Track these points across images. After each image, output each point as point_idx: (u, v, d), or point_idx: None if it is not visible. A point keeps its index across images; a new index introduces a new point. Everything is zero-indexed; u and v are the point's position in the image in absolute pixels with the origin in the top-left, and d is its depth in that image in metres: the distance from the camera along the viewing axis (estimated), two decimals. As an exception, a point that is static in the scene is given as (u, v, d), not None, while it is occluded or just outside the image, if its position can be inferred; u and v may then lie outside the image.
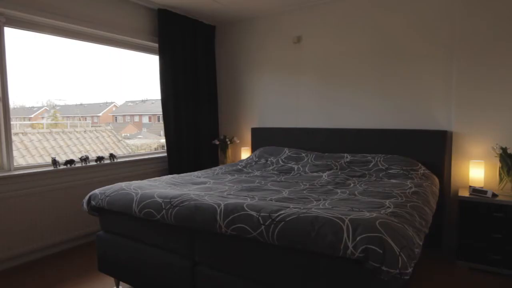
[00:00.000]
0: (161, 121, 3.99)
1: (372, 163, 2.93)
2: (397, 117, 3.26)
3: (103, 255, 2.31)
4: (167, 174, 3.52)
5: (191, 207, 1.82)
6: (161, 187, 2.31)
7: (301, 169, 3.07)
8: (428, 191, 2.29)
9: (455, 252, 2.84)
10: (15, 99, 2.80)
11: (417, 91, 3.15)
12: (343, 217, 1.49)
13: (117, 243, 2.22)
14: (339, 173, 2.84)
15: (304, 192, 2.24)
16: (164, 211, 1.88)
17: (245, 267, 1.69)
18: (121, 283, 2.38)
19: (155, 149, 4.87)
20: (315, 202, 1.94)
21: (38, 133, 4.71)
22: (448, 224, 3.01)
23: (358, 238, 1.36)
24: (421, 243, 1.57)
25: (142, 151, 4.48)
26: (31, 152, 4.28)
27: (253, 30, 4.14)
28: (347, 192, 2.22)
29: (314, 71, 3.71)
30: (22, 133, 4.50)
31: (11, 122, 2.82)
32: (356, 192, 2.19)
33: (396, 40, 3.21)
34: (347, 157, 3.11)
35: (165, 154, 3.95)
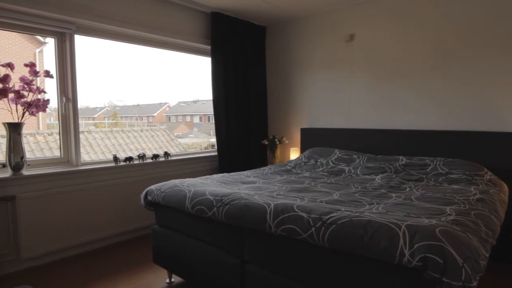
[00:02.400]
0: (211, 121, 4.12)
1: (431, 167, 2.75)
2: (459, 118, 3.03)
3: (157, 248, 2.43)
4: (217, 173, 3.61)
5: (241, 205, 1.84)
6: (212, 185, 2.37)
7: (353, 171, 2.98)
8: (496, 199, 2.09)
9: (526, 267, 2.57)
10: (81, 100, 3.04)
11: (483, 90, 2.90)
12: (399, 222, 1.41)
13: (171, 237, 2.32)
14: (393, 176, 2.70)
15: (356, 195, 2.17)
16: (215, 208, 1.93)
17: (294, 268, 1.68)
18: (173, 275, 2.49)
19: (205, 148, 5.02)
20: (367, 205, 1.87)
21: (100, 131, 5.10)
22: (518, 235, 2.73)
23: (415, 246, 1.28)
24: (487, 255, 1.44)
25: (193, 150, 4.64)
26: (94, 149, 4.64)
27: (303, 30, 4.10)
28: (403, 196, 2.11)
29: (367, 70, 3.58)
30: (87, 131, 4.90)
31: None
32: (412, 197, 2.07)
33: (460, 34, 2.99)
34: (402, 160, 2.96)
35: (215, 153, 4.05)
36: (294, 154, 4.10)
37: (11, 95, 2.57)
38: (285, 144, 4.35)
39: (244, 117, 4.21)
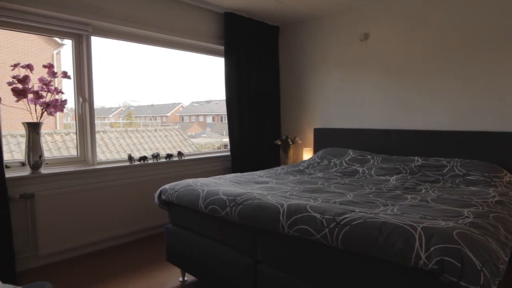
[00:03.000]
0: (224, 121, 4.14)
1: (447, 168, 2.70)
2: (477, 118, 2.96)
3: (171, 247, 2.45)
4: (230, 173, 3.63)
5: (254, 205, 1.84)
6: (225, 185, 2.38)
7: (367, 172, 2.94)
8: (515, 201, 2.04)
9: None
10: (96, 101, 3.10)
11: (504, 88, 2.82)
12: (414, 224, 1.39)
13: (184, 237, 2.34)
14: (408, 177, 2.66)
15: (370, 196, 2.14)
16: (228, 208, 1.94)
17: (307, 269, 1.67)
18: (187, 274, 2.51)
19: (218, 148, 5.05)
20: (382, 207, 1.85)
21: (115, 131, 5.18)
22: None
23: (432, 249, 1.26)
24: (506, 259, 1.40)
25: (206, 150, 4.67)
26: (109, 148, 4.72)
27: (317, 29, 4.07)
28: (418, 198, 2.07)
29: (382, 69, 3.53)
30: (103, 131, 4.98)
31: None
32: (428, 199, 2.03)
33: (477, 32, 2.92)
34: (417, 161, 2.91)
35: (228, 153, 4.07)
36: (307, 154, 4.08)
37: (30, 96, 2.63)
38: (298, 144, 4.33)
39: (257, 117, 4.22)
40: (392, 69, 3.46)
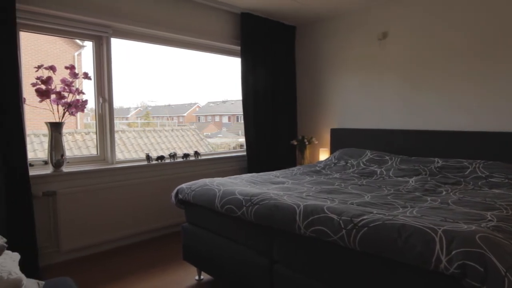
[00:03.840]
0: (240, 121, 4.15)
1: (469, 170, 2.62)
2: (500, 118, 2.86)
3: (187, 246, 2.48)
4: (245, 173, 3.63)
5: (270, 206, 1.84)
6: (241, 185, 2.38)
7: (385, 173, 2.89)
8: (542, 205, 1.96)
9: None
10: (115, 101, 3.16)
11: (527, 88, 2.73)
12: (435, 227, 1.35)
13: (200, 236, 2.36)
14: (428, 179, 2.60)
15: (388, 197, 2.10)
16: (244, 208, 1.94)
17: (323, 270, 1.65)
18: (203, 272, 2.53)
19: (234, 148, 5.07)
20: (401, 209, 1.81)
21: (133, 131, 5.28)
22: None
23: (453, 252, 1.22)
24: (532, 265, 1.35)
25: (222, 150, 4.70)
26: (127, 148, 4.81)
27: (334, 29, 4.03)
28: (439, 200, 2.02)
29: (399, 69, 3.46)
30: (121, 131, 5.08)
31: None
32: (449, 201, 1.98)
33: (499, 31, 2.82)
34: (438, 162, 2.84)
35: (244, 153, 4.08)
36: (323, 154, 4.05)
37: (53, 96, 2.71)
38: (315, 144, 4.30)
39: (273, 117, 4.21)
40: (410, 69, 3.39)
